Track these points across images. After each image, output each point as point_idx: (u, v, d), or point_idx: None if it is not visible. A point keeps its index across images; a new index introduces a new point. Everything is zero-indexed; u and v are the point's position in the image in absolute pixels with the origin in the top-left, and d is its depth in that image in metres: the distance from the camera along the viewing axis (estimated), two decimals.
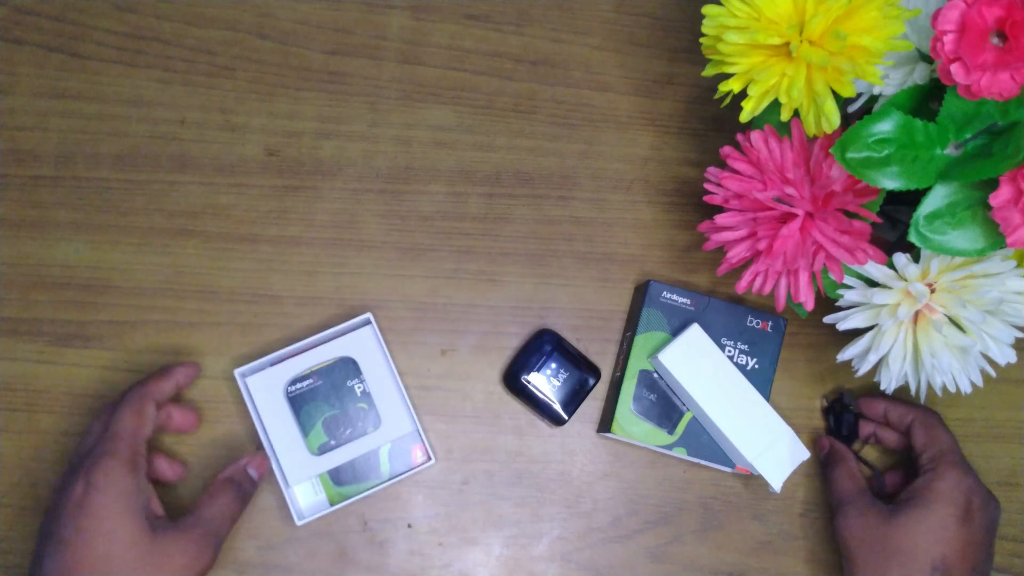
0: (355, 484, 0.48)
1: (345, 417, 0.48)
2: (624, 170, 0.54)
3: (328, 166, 0.52)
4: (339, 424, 0.48)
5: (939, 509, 0.44)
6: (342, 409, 0.48)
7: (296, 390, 0.48)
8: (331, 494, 0.48)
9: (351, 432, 0.48)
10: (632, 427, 0.48)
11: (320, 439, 0.48)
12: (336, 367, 0.48)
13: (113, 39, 0.53)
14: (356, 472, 0.48)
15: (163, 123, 0.52)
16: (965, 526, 0.44)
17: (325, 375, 0.48)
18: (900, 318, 0.40)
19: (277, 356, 0.48)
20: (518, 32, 0.55)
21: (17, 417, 0.49)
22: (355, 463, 0.48)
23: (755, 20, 0.37)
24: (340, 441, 0.48)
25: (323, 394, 0.48)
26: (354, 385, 0.48)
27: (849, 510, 0.47)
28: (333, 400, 0.48)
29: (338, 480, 0.48)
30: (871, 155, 0.37)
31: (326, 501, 0.48)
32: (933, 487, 0.45)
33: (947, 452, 0.46)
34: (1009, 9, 0.33)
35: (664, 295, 0.49)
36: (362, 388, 0.48)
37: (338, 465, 0.48)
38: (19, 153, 0.51)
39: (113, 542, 0.39)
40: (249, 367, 0.48)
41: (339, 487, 0.48)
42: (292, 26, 0.54)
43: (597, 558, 0.49)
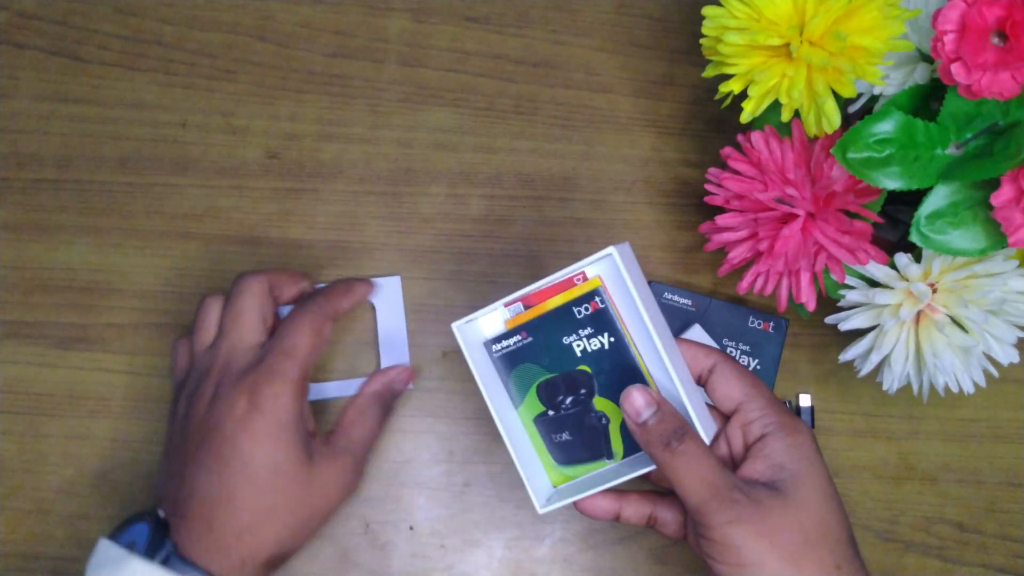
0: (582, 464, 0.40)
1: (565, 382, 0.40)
2: (625, 171, 0.54)
3: (329, 168, 0.52)
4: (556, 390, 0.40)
5: (821, 473, 0.37)
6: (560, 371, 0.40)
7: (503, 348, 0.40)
8: (553, 476, 0.41)
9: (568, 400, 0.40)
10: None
11: (536, 408, 0.41)
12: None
13: (114, 43, 0.53)
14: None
15: (164, 126, 0.52)
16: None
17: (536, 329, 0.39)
18: (902, 318, 0.40)
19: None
20: (518, 34, 0.55)
21: (19, 420, 0.49)
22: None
23: (755, 21, 0.37)
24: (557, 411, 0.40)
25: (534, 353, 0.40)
26: (572, 343, 0.39)
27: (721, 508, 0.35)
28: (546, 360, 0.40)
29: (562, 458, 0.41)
30: (872, 155, 0.37)
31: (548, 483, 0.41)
32: (798, 452, 0.37)
33: (775, 401, 0.39)
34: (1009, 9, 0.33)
35: (665, 296, 0.49)
36: (583, 346, 0.39)
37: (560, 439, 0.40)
38: (21, 156, 0.51)
39: (271, 469, 0.38)
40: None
41: (563, 467, 0.41)
42: (293, 29, 0.54)
43: (599, 560, 0.49)
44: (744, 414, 0.38)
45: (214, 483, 0.38)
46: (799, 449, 0.37)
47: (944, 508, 0.51)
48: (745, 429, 0.38)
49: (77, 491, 0.48)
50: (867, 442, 0.51)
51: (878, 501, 0.51)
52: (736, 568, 0.35)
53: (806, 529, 0.35)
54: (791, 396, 0.51)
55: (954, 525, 0.51)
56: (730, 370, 0.39)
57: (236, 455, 0.38)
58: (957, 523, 0.51)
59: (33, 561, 0.48)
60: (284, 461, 0.39)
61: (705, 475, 0.35)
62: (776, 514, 0.35)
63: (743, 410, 0.38)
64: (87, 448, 0.49)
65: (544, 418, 0.41)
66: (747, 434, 0.38)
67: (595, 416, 0.40)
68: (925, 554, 0.50)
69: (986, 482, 0.51)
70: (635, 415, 0.37)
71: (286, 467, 0.39)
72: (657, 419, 0.36)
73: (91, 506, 0.48)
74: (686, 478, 0.36)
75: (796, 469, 0.36)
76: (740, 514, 0.35)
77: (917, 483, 0.51)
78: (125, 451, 0.49)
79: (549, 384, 0.40)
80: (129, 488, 0.48)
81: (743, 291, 0.43)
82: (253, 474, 0.38)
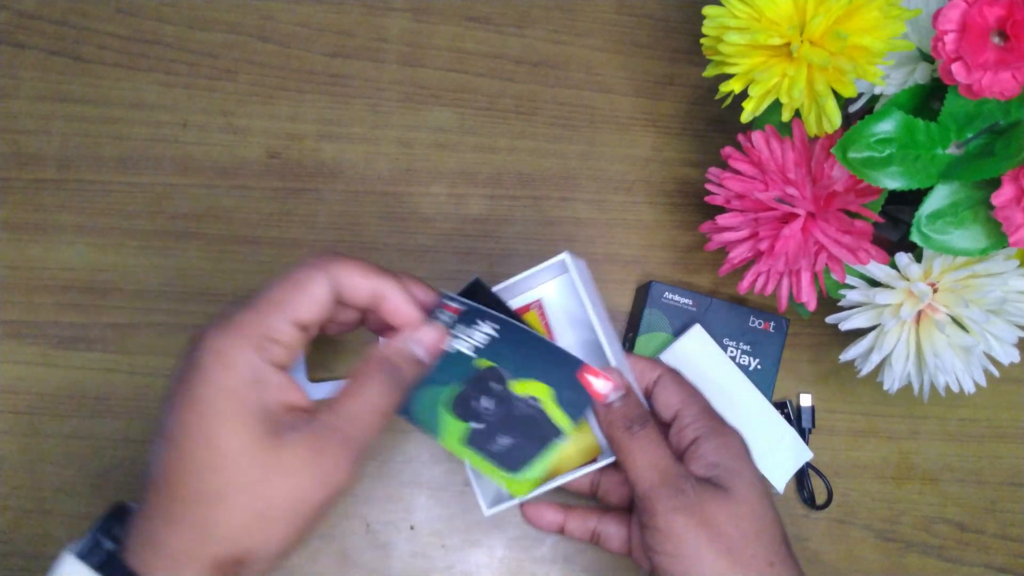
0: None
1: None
2: (625, 171, 0.54)
3: (330, 168, 0.52)
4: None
5: (753, 471, 0.38)
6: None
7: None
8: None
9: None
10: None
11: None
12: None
13: (115, 43, 0.53)
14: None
15: (165, 126, 0.52)
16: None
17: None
18: (903, 318, 0.40)
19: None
20: (519, 34, 0.55)
21: (20, 420, 0.49)
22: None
23: (756, 21, 0.37)
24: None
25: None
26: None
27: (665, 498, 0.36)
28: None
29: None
30: (872, 155, 0.37)
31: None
32: (728, 451, 0.38)
33: (709, 408, 0.40)
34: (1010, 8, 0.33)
35: (666, 296, 0.49)
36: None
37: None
38: (22, 156, 0.51)
39: (216, 449, 0.30)
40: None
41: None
42: (293, 29, 0.54)
43: (600, 560, 0.49)
44: (680, 420, 0.40)
45: (161, 463, 0.31)
46: (729, 448, 0.39)
47: (945, 508, 0.51)
48: (680, 434, 0.40)
49: (78, 491, 0.48)
50: (867, 442, 0.51)
51: (878, 501, 0.51)
52: (675, 559, 0.36)
53: (743, 524, 0.36)
54: (792, 396, 0.51)
55: (955, 525, 0.51)
56: (671, 381, 0.41)
57: (180, 431, 0.31)
58: (958, 523, 0.51)
59: (34, 561, 0.48)
60: (230, 436, 0.30)
61: (658, 462, 0.37)
62: (716, 507, 0.36)
63: (680, 416, 0.40)
64: (88, 448, 0.49)
65: (474, 434, 0.37)
66: (682, 439, 0.39)
67: (524, 403, 0.37)
68: (925, 554, 0.50)
69: (987, 482, 0.51)
70: (602, 396, 0.38)
71: (232, 443, 0.30)
72: (623, 402, 0.38)
73: (92, 506, 0.48)
74: (640, 462, 0.37)
75: (729, 466, 0.38)
76: (685, 503, 0.36)
77: (917, 483, 0.51)
78: (126, 451, 0.49)
79: (460, 397, 0.37)
80: (130, 488, 0.48)
81: (743, 291, 0.43)
82: (193, 454, 0.30)
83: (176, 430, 0.31)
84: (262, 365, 0.31)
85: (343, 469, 0.32)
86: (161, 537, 0.31)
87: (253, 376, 0.31)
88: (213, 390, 0.31)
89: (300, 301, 0.32)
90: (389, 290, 0.34)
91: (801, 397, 0.51)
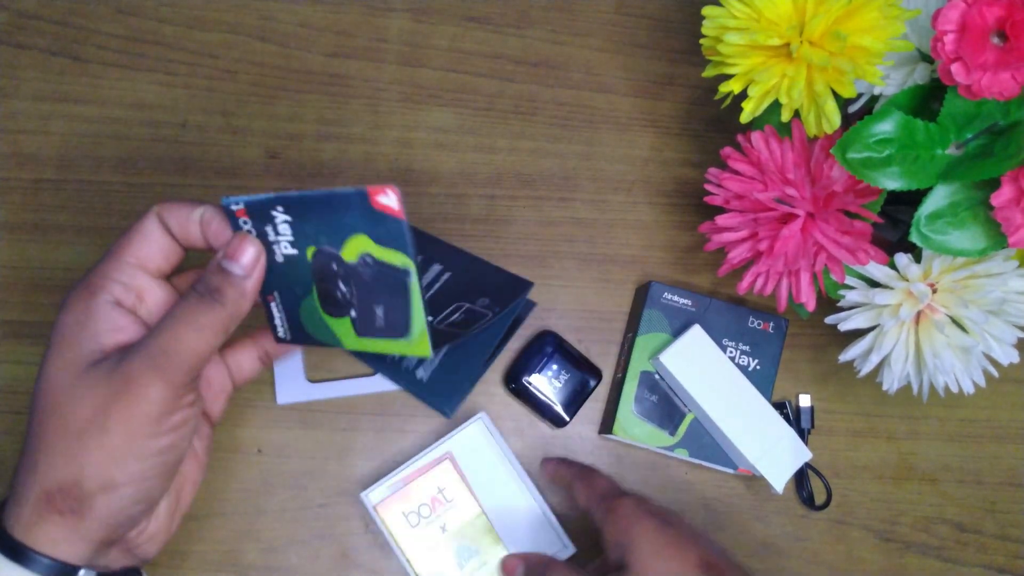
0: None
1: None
2: (625, 171, 0.54)
3: (329, 168, 0.52)
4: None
5: (649, 533, 0.39)
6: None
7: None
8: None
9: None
10: (634, 429, 0.48)
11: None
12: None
13: (115, 43, 0.53)
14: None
15: (164, 126, 0.52)
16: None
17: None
18: (902, 318, 0.40)
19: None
20: (518, 34, 0.55)
21: (20, 419, 0.49)
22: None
23: (755, 21, 0.37)
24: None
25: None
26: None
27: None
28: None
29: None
30: (872, 155, 0.37)
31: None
32: (619, 525, 0.40)
33: (596, 486, 0.43)
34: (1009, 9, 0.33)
35: (665, 296, 0.49)
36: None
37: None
38: (21, 156, 0.51)
39: (43, 384, 0.33)
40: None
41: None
42: (293, 29, 0.54)
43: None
44: (591, 514, 0.42)
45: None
46: (620, 522, 0.40)
47: (944, 508, 0.51)
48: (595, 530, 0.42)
49: None
50: (867, 442, 0.51)
51: (878, 501, 0.51)
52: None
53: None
54: (791, 396, 0.51)
55: (954, 525, 0.51)
56: (583, 475, 0.44)
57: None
58: (957, 523, 0.51)
59: None
60: (50, 366, 0.32)
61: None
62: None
63: (588, 510, 0.43)
64: None
65: (357, 324, 0.36)
66: (593, 532, 0.42)
67: (362, 265, 0.34)
68: (925, 554, 0.50)
69: (986, 482, 0.51)
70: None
71: (51, 372, 0.32)
72: (526, 573, 0.43)
73: None
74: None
75: (621, 543, 0.39)
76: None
77: (917, 483, 0.51)
78: None
79: (321, 297, 0.35)
80: None
81: (743, 291, 0.43)
82: (33, 394, 0.33)
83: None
84: (93, 306, 0.33)
85: (147, 385, 0.31)
86: (14, 483, 0.33)
87: (81, 317, 0.32)
88: (54, 334, 0.33)
89: (133, 241, 0.34)
90: (210, 214, 0.34)
91: (800, 397, 0.51)
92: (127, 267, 0.34)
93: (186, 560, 0.48)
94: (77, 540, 0.32)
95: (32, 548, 0.31)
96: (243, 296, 0.33)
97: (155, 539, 0.35)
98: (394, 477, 0.47)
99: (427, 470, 0.47)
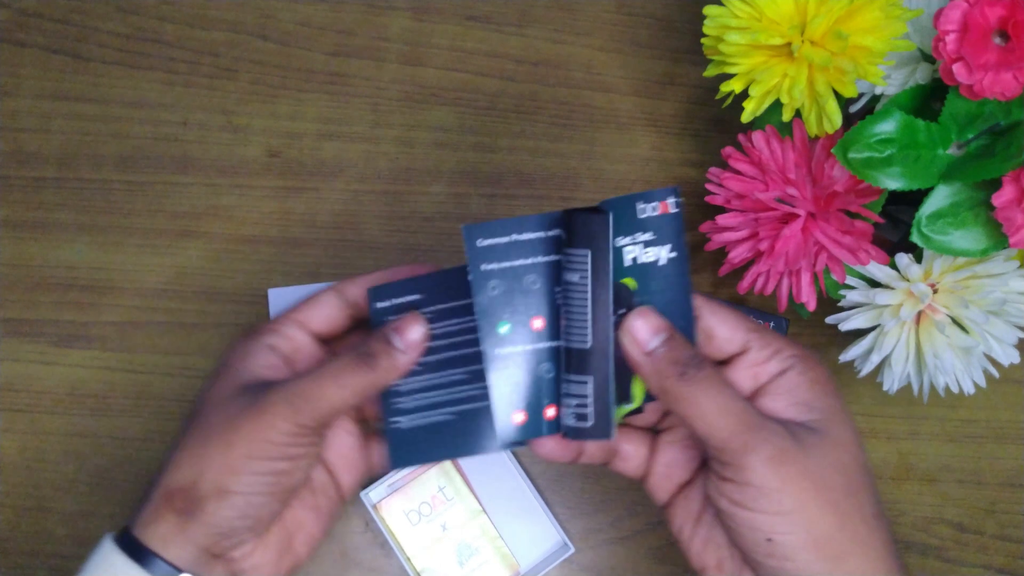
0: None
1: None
2: (625, 171, 0.54)
3: (330, 167, 0.52)
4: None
5: (848, 412, 0.33)
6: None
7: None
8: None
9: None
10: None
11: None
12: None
13: (116, 41, 0.53)
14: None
15: (165, 124, 0.52)
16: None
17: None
18: (903, 318, 0.40)
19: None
20: (519, 33, 0.55)
21: (19, 418, 0.49)
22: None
23: (757, 20, 0.37)
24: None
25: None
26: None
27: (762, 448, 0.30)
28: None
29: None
30: (873, 155, 0.37)
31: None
32: (822, 388, 0.33)
33: (782, 336, 0.34)
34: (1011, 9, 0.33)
35: None
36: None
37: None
38: (22, 155, 0.51)
39: (201, 397, 0.36)
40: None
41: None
42: (294, 27, 0.54)
43: (599, 559, 0.49)
44: (753, 353, 0.33)
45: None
46: (823, 384, 0.33)
47: (944, 508, 0.51)
48: (757, 368, 0.33)
49: (77, 489, 0.48)
50: (867, 442, 0.51)
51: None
52: (775, 516, 0.30)
53: (849, 472, 0.31)
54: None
55: (954, 526, 0.51)
56: (718, 308, 0.33)
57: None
58: (957, 523, 0.51)
59: (33, 559, 0.48)
60: (211, 394, 0.35)
61: (731, 406, 0.30)
62: (818, 453, 0.30)
63: (750, 349, 0.33)
64: (87, 446, 0.49)
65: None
66: (760, 373, 0.33)
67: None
68: (925, 554, 0.50)
69: (986, 483, 0.51)
70: (641, 343, 0.31)
71: (209, 400, 0.35)
72: (668, 346, 0.31)
73: (91, 504, 0.48)
74: (709, 410, 0.30)
75: (823, 405, 0.32)
76: (781, 451, 0.30)
77: (917, 483, 0.51)
78: (125, 449, 0.49)
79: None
80: (129, 486, 0.48)
81: (743, 291, 0.43)
82: (191, 413, 0.36)
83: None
84: (252, 345, 0.35)
85: (277, 415, 0.33)
86: (148, 485, 0.35)
87: (241, 352, 0.36)
88: (219, 366, 0.36)
89: (307, 307, 0.36)
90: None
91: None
92: (290, 322, 0.36)
93: None
94: (185, 542, 0.33)
95: (145, 544, 0.33)
96: (394, 368, 0.34)
97: (260, 571, 0.36)
98: (394, 476, 0.47)
99: (427, 469, 0.47)
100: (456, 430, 0.35)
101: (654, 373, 0.31)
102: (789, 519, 0.30)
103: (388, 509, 0.46)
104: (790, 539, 0.30)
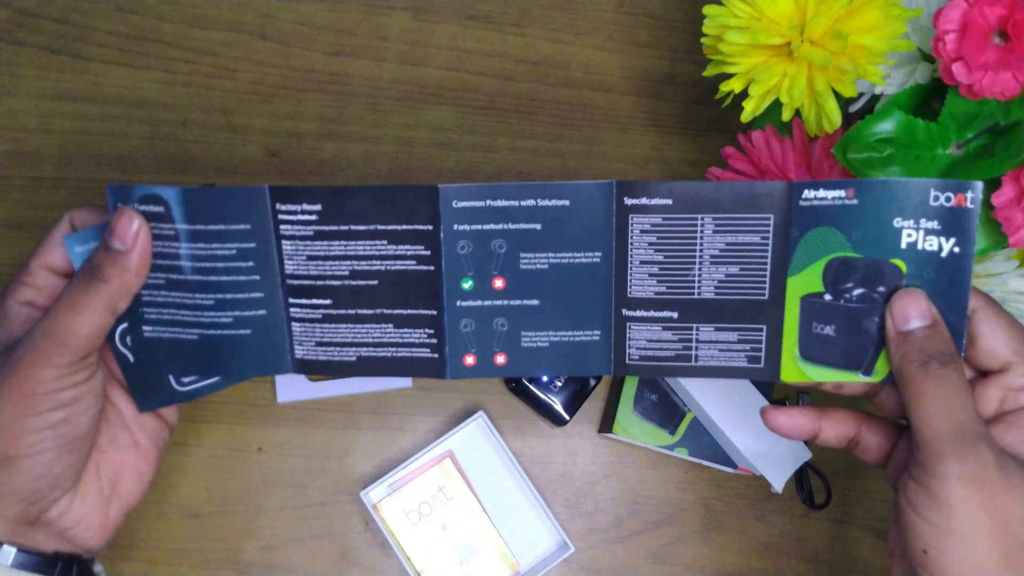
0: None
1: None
2: (625, 170, 0.54)
3: (329, 167, 0.52)
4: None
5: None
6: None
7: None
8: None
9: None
10: (633, 427, 0.48)
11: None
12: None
13: (115, 41, 0.53)
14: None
15: (165, 124, 0.52)
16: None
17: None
18: None
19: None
20: (519, 33, 0.55)
21: None
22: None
23: (756, 20, 0.37)
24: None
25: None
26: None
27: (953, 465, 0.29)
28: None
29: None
30: (872, 155, 0.37)
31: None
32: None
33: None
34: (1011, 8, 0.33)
35: None
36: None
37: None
38: (21, 154, 0.51)
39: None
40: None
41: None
42: (293, 27, 0.54)
43: (598, 559, 0.49)
44: (1012, 377, 0.31)
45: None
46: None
47: None
48: (1008, 394, 0.32)
49: None
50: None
51: (878, 501, 0.51)
52: (938, 531, 0.29)
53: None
54: (791, 395, 0.51)
55: None
56: (995, 315, 0.32)
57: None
58: None
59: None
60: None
61: (955, 412, 0.29)
62: (1017, 496, 0.29)
63: (1011, 370, 0.31)
64: None
65: (816, 300, 0.34)
66: (1007, 400, 0.32)
67: (877, 321, 0.33)
68: None
69: None
70: (901, 320, 0.31)
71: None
72: (926, 333, 0.31)
73: None
74: (932, 407, 0.30)
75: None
76: (975, 473, 0.29)
77: None
78: None
79: (845, 264, 0.33)
80: None
81: None
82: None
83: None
84: (5, 308, 0.34)
85: (31, 366, 0.32)
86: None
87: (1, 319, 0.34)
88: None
89: (44, 245, 0.35)
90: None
91: (801, 397, 0.51)
92: (35, 270, 0.35)
93: (186, 558, 0.48)
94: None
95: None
96: (125, 271, 0.33)
97: (87, 524, 0.35)
98: (394, 476, 0.47)
99: (427, 468, 0.47)
100: (199, 353, 0.36)
101: (899, 353, 0.31)
102: (951, 540, 0.29)
103: (388, 509, 0.46)
104: (944, 560, 0.29)
